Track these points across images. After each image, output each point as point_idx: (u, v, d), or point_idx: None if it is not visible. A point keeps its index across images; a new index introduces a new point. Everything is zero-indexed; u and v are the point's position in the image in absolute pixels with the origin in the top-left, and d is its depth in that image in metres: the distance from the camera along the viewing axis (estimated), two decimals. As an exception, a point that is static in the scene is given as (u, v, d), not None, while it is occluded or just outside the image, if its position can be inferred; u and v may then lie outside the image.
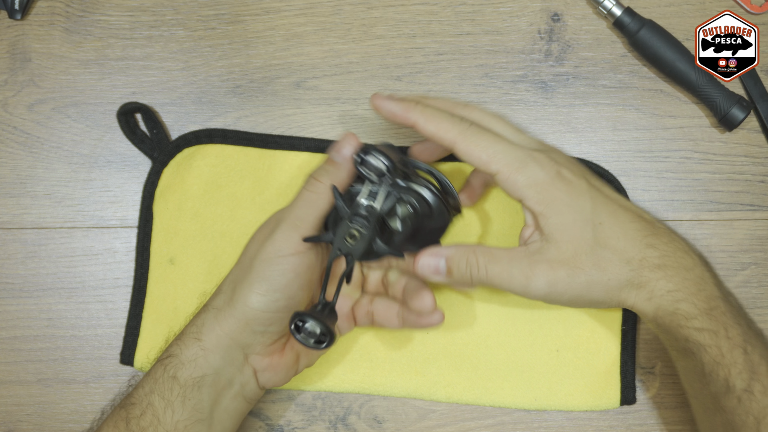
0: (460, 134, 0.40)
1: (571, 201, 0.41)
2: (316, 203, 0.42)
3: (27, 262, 0.52)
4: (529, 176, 0.40)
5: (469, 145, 0.40)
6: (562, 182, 0.41)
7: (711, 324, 0.40)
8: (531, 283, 0.40)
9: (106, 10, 0.53)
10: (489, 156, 0.40)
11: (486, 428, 0.51)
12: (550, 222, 0.40)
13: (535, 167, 0.40)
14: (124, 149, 0.52)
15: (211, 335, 0.42)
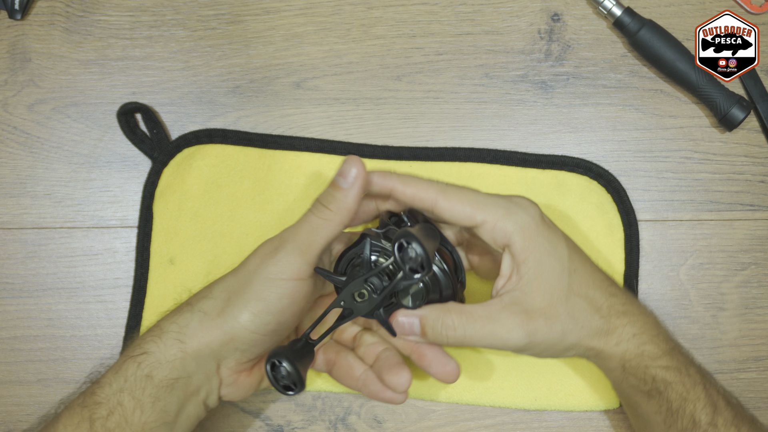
0: (440, 192, 0.41)
1: (551, 248, 0.41)
2: (323, 230, 0.41)
3: (27, 262, 0.52)
4: (516, 221, 0.40)
5: (450, 200, 0.40)
6: (545, 227, 0.41)
7: (674, 362, 0.42)
8: (511, 336, 0.40)
9: (106, 10, 0.53)
10: (473, 207, 0.40)
11: (486, 428, 0.51)
12: (530, 270, 0.40)
13: (521, 212, 0.41)
14: (124, 149, 0.52)
15: (194, 340, 0.41)
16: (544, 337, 0.40)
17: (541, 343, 0.41)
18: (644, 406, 0.43)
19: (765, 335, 0.51)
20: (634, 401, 0.44)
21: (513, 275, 0.41)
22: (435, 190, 0.41)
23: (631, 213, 0.50)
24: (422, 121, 0.52)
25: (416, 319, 0.41)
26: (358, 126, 0.52)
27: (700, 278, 0.51)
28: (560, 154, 0.51)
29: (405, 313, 0.42)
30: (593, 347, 0.42)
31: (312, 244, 0.41)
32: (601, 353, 0.43)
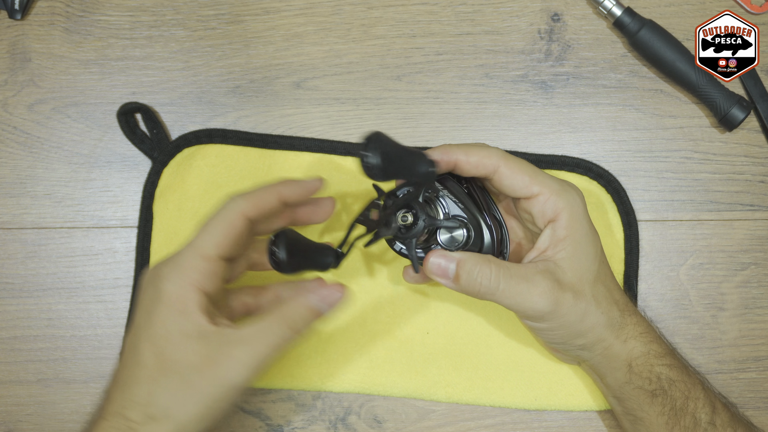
0: (503, 158, 0.42)
1: (590, 234, 0.43)
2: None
3: (27, 262, 0.52)
4: (568, 200, 0.42)
5: (511, 168, 0.42)
6: (587, 215, 0.43)
7: (676, 362, 0.44)
8: (540, 300, 0.41)
9: (106, 10, 0.53)
10: (531, 178, 0.42)
11: (486, 428, 0.51)
12: (569, 247, 0.42)
13: (573, 193, 0.43)
14: (124, 149, 0.52)
15: None
16: (568, 310, 0.41)
17: (563, 317, 0.41)
18: (647, 408, 0.43)
19: (765, 335, 0.51)
20: (637, 404, 0.44)
21: (549, 249, 0.42)
22: (498, 157, 0.42)
23: (631, 213, 0.50)
24: (422, 121, 0.52)
25: (453, 263, 0.41)
26: (358, 126, 0.52)
27: (700, 278, 0.51)
28: (560, 154, 0.51)
29: (443, 254, 0.41)
30: (605, 338, 0.43)
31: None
32: (610, 349, 0.43)
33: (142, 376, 0.38)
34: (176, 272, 0.38)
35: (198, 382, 0.37)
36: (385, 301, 0.51)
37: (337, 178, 0.51)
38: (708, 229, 0.51)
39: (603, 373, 0.45)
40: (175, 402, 0.37)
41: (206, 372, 0.37)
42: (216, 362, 0.37)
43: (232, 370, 0.38)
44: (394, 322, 0.51)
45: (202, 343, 0.38)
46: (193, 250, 0.39)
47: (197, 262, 0.38)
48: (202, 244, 0.39)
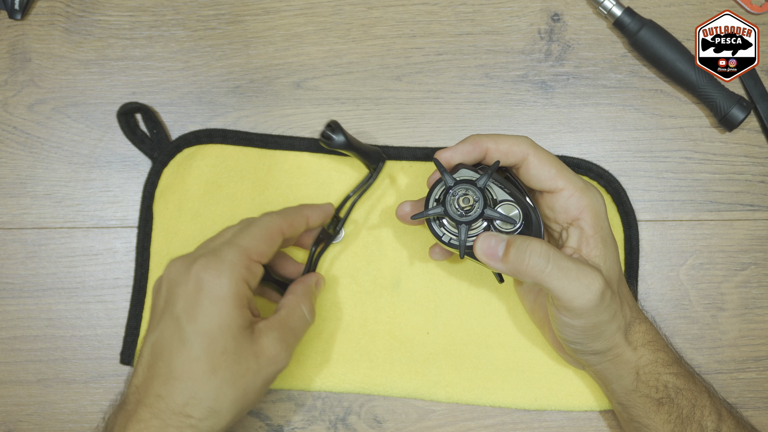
0: (532, 146, 0.42)
1: (611, 237, 0.43)
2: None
3: (27, 262, 0.52)
4: (592, 199, 0.42)
5: (540, 158, 0.42)
6: (607, 217, 0.43)
7: (683, 370, 0.43)
8: (589, 289, 0.39)
9: (106, 10, 0.53)
10: (558, 171, 0.42)
11: (486, 428, 0.51)
12: (599, 245, 0.42)
13: (596, 193, 0.43)
14: (124, 149, 0.52)
15: None
16: (606, 308, 0.40)
17: (600, 314, 0.40)
18: (653, 416, 0.43)
19: (765, 335, 0.51)
20: (643, 411, 0.44)
21: (583, 247, 0.42)
22: (527, 145, 0.42)
23: (630, 213, 0.50)
24: (422, 121, 0.52)
25: (503, 242, 0.41)
26: (358, 126, 0.52)
27: (700, 278, 0.51)
28: (560, 154, 0.51)
29: (493, 234, 0.41)
30: (619, 344, 0.42)
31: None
32: (621, 356, 0.43)
33: (198, 371, 0.38)
34: (224, 266, 0.39)
35: (249, 373, 0.39)
36: (385, 301, 0.51)
37: (337, 178, 0.51)
38: (708, 229, 0.51)
39: (609, 380, 0.44)
40: (233, 393, 0.39)
41: (253, 362, 0.39)
42: (266, 351, 0.40)
43: (280, 356, 0.40)
44: (394, 322, 0.51)
45: (245, 335, 0.39)
46: (238, 248, 0.40)
47: (243, 260, 0.40)
48: (247, 244, 0.40)
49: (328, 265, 0.51)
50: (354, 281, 0.51)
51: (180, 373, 0.38)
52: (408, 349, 0.50)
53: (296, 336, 0.42)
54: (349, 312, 0.51)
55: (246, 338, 0.39)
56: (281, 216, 0.43)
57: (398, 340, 0.50)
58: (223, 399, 0.38)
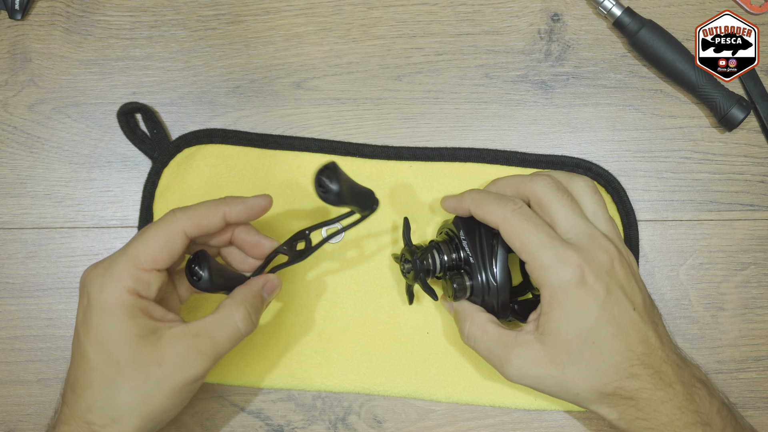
0: (503, 218, 0.41)
1: (575, 312, 0.40)
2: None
3: (27, 262, 0.52)
4: (550, 276, 0.40)
5: (509, 231, 0.41)
6: (579, 289, 0.40)
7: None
8: (505, 369, 0.42)
9: (107, 10, 0.53)
10: (522, 244, 0.41)
11: (486, 428, 0.51)
12: (547, 325, 0.41)
13: (559, 269, 0.40)
14: (124, 149, 0.52)
15: None
16: (535, 383, 0.42)
17: (534, 386, 0.42)
18: None
19: (765, 335, 0.51)
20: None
21: (536, 319, 0.42)
22: (499, 216, 0.42)
23: (630, 213, 0.50)
24: (422, 121, 0.52)
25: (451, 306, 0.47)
26: (358, 126, 0.52)
27: (700, 278, 0.51)
28: (560, 154, 0.51)
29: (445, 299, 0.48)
30: (593, 409, 0.42)
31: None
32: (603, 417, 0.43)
33: (96, 380, 0.39)
34: (108, 280, 0.38)
35: (151, 380, 0.38)
36: (385, 301, 0.51)
37: (337, 178, 0.51)
38: (708, 229, 0.51)
39: None
40: (133, 401, 0.38)
41: (156, 369, 0.38)
42: (165, 359, 0.38)
43: (190, 364, 0.39)
44: (394, 322, 0.51)
45: (145, 343, 0.38)
46: (127, 258, 0.39)
47: (131, 271, 0.38)
48: (137, 253, 0.39)
49: (328, 265, 0.51)
50: (354, 281, 0.51)
51: (81, 383, 0.39)
52: (408, 349, 0.50)
53: (217, 345, 0.40)
54: (349, 312, 0.51)
55: (146, 346, 0.38)
56: (186, 214, 0.40)
57: (398, 340, 0.50)
58: (122, 406, 0.38)
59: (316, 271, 0.51)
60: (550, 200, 0.42)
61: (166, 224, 0.40)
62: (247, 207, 0.42)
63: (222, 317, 0.41)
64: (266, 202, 0.43)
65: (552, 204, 0.42)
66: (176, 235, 0.40)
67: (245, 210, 0.42)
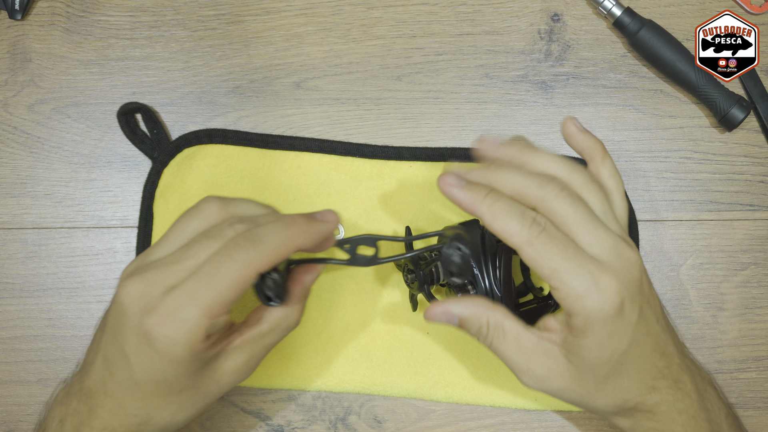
0: (527, 243, 0.36)
1: (610, 341, 0.37)
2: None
3: (27, 262, 0.52)
4: (587, 306, 0.36)
5: (533, 254, 0.36)
6: (617, 319, 0.37)
7: None
8: (524, 376, 0.39)
9: (107, 10, 0.53)
10: (552, 271, 0.36)
11: (486, 428, 0.51)
12: (578, 350, 0.38)
13: (597, 299, 0.36)
14: (124, 149, 0.52)
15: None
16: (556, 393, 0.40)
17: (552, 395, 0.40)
18: None
19: (765, 335, 0.51)
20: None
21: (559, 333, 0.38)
22: (523, 239, 0.36)
23: (630, 213, 0.50)
24: (422, 121, 0.52)
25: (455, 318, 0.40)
26: (358, 126, 0.52)
27: (700, 278, 0.51)
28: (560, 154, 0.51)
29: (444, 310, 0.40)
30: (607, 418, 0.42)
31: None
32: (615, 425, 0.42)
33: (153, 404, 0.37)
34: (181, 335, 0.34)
35: (207, 398, 0.38)
36: (385, 301, 0.51)
37: (337, 178, 0.51)
38: (708, 229, 0.51)
39: None
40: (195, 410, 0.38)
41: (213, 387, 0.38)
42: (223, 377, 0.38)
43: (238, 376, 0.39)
44: (394, 322, 0.51)
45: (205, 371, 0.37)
46: (199, 310, 0.34)
47: (204, 323, 0.34)
48: (209, 304, 0.34)
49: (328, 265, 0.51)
50: (354, 281, 0.51)
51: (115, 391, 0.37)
52: (408, 349, 0.50)
53: (268, 348, 0.39)
54: (349, 312, 0.51)
55: (207, 371, 0.37)
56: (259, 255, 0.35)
57: (398, 340, 0.50)
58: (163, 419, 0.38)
59: (316, 271, 0.51)
60: (567, 213, 0.37)
61: (238, 266, 0.35)
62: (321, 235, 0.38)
63: (275, 326, 0.39)
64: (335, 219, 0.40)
65: (569, 218, 0.37)
66: (249, 279, 0.35)
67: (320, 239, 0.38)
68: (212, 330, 0.35)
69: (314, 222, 0.38)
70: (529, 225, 0.36)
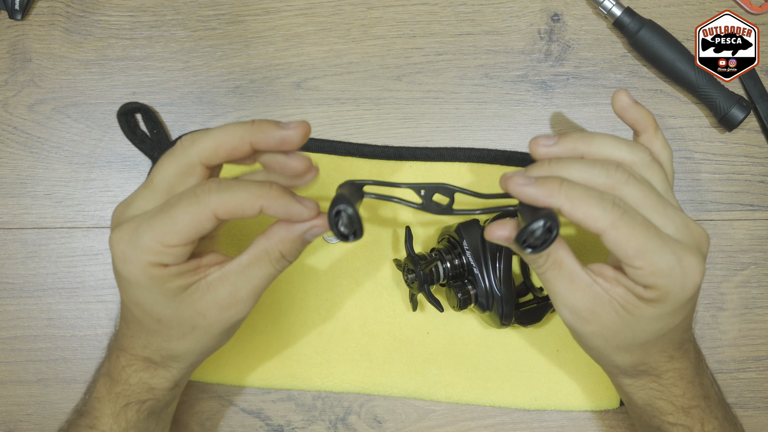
0: (611, 225, 0.35)
1: (672, 316, 0.38)
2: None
3: (27, 262, 0.52)
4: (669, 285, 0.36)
5: (618, 237, 0.36)
6: (688, 303, 0.38)
7: (687, 420, 0.42)
8: (564, 309, 0.39)
9: (107, 10, 0.53)
10: (637, 252, 0.36)
11: (486, 428, 0.51)
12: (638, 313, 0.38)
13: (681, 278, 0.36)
14: (124, 149, 0.52)
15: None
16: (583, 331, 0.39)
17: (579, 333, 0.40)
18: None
19: (765, 335, 0.51)
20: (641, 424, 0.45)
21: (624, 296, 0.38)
22: (607, 222, 0.35)
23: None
24: (422, 121, 0.52)
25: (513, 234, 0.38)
26: (358, 126, 0.52)
27: (700, 278, 0.51)
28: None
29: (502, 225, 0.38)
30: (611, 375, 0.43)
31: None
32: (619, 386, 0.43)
33: (145, 328, 0.40)
34: (132, 252, 0.36)
35: (198, 329, 0.39)
36: (385, 301, 0.51)
37: (337, 178, 0.51)
38: (708, 229, 0.51)
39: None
40: (185, 346, 0.40)
41: (200, 320, 0.38)
42: (206, 310, 0.38)
43: (227, 311, 0.39)
44: (394, 322, 0.51)
45: (181, 300, 0.38)
46: (153, 233, 0.36)
47: (155, 247, 0.36)
48: (164, 230, 0.36)
49: (328, 265, 0.51)
50: (354, 281, 0.51)
51: (133, 326, 0.41)
52: (408, 349, 0.50)
53: (255, 287, 0.39)
54: (349, 312, 0.51)
55: (184, 302, 0.38)
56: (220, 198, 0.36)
57: (398, 340, 0.50)
58: (176, 349, 0.40)
59: (316, 271, 0.51)
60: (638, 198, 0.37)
61: (197, 203, 0.36)
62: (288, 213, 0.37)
63: (257, 259, 0.38)
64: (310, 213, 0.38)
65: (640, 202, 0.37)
66: (206, 220, 0.36)
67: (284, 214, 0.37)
68: (170, 260, 0.36)
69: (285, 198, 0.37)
70: (611, 208, 0.36)
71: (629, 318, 0.38)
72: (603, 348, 0.40)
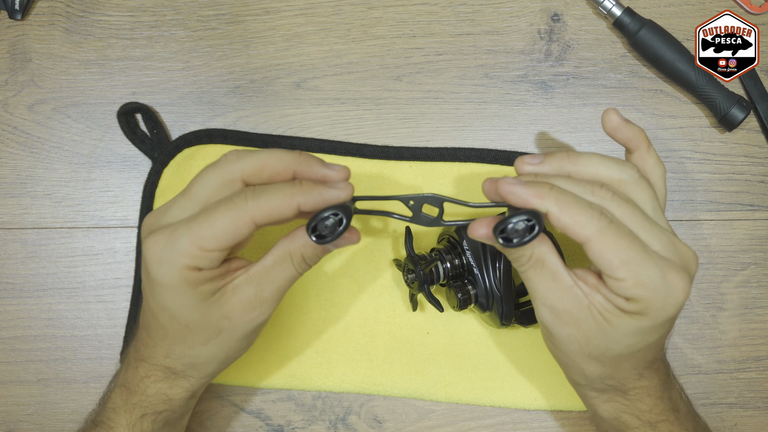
0: (598, 232, 0.35)
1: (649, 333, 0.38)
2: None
3: (27, 262, 0.52)
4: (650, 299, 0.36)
5: (603, 246, 0.35)
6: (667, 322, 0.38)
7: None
8: (543, 308, 0.39)
9: (107, 10, 0.53)
10: (622, 262, 0.35)
11: (486, 428, 0.51)
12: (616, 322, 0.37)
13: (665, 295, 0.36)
14: (124, 149, 0.52)
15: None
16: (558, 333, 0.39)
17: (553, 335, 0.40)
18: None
19: (765, 335, 0.51)
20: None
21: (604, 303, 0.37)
22: (593, 229, 0.35)
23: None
24: (422, 121, 0.52)
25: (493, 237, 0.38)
26: (358, 126, 0.52)
27: (700, 278, 0.51)
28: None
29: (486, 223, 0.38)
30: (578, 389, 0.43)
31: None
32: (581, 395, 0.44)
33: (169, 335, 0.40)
34: (168, 255, 0.37)
35: (222, 334, 0.40)
36: (385, 301, 0.51)
37: (337, 178, 0.51)
38: (708, 229, 0.51)
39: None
40: (208, 352, 0.41)
41: (225, 323, 0.39)
42: (232, 312, 0.39)
43: (251, 314, 0.39)
44: (394, 322, 0.51)
45: (209, 304, 0.38)
46: (191, 237, 0.36)
47: (192, 251, 0.36)
48: (202, 234, 0.36)
49: (328, 265, 0.51)
50: (354, 281, 0.51)
51: (155, 335, 0.41)
52: (408, 349, 0.50)
53: (279, 288, 0.40)
54: (349, 312, 0.51)
55: (212, 306, 0.38)
56: (257, 204, 0.37)
57: (398, 340, 0.50)
58: (199, 356, 0.41)
59: (316, 271, 0.51)
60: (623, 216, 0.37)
61: (236, 209, 0.37)
62: (325, 201, 0.38)
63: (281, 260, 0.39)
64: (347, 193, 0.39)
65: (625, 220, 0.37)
66: (244, 225, 0.37)
67: (322, 203, 0.38)
68: (205, 264, 0.37)
69: (319, 188, 0.38)
70: (598, 216, 0.36)
71: (606, 326, 0.38)
72: (575, 354, 0.39)
